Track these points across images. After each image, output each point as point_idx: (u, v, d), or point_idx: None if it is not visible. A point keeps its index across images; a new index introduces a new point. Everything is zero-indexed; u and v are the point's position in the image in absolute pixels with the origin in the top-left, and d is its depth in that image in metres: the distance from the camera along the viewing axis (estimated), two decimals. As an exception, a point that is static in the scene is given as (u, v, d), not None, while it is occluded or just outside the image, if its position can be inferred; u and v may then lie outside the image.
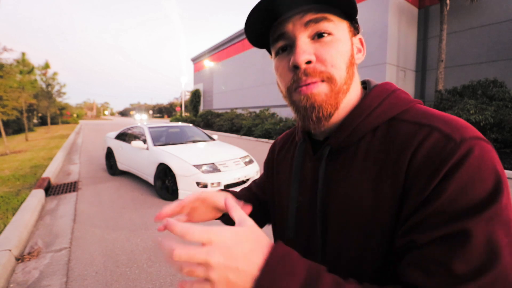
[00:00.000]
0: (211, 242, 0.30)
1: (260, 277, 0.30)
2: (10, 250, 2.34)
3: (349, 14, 0.44)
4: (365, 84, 0.52)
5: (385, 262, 0.40)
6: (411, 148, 0.37)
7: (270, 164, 0.67)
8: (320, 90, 0.42)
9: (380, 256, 0.39)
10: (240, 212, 0.35)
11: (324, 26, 0.41)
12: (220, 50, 24.70)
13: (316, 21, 0.41)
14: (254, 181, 0.76)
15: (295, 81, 0.43)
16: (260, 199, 0.71)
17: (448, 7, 9.59)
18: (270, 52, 0.51)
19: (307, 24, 0.41)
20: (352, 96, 0.46)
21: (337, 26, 0.42)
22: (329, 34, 0.41)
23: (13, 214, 3.17)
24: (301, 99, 0.43)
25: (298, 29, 0.42)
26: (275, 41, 0.45)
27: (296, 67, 0.42)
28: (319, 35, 0.41)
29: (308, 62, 0.41)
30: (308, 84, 0.42)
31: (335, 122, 0.47)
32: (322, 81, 0.42)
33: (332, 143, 0.46)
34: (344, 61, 0.43)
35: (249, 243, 0.32)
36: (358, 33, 0.47)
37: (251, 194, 0.73)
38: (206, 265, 0.30)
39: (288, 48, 0.44)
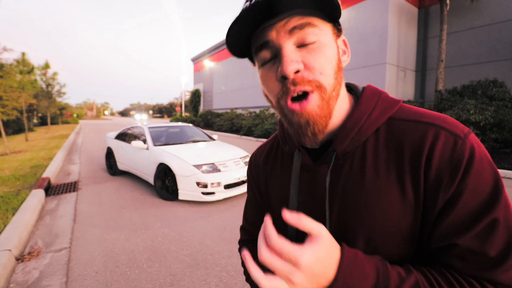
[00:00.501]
0: (298, 265, 0.33)
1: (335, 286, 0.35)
2: (10, 250, 2.34)
3: (333, 17, 0.43)
4: (348, 87, 0.51)
5: (411, 260, 0.42)
6: (425, 150, 0.39)
7: (255, 181, 0.64)
8: (312, 104, 0.41)
9: (408, 255, 0.42)
10: (310, 223, 0.35)
11: (309, 32, 0.40)
12: (220, 50, 24.69)
13: (301, 27, 0.39)
14: (244, 219, 0.69)
15: (285, 92, 0.41)
16: None
17: (448, 7, 9.59)
18: (252, 61, 0.49)
19: (291, 31, 0.39)
20: (342, 100, 0.46)
21: (322, 31, 0.41)
22: (314, 41, 0.40)
23: (13, 214, 3.17)
24: (294, 116, 0.42)
25: (282, 37, 0.40)
26: (259, 50, 0.43)
27: (284, 77, 0.40)
28: (304, 43, 0.40)
29: (297, 71, 0.40)
30: (300, 99, 0.41)
31: (331, 129, 0.46)
32: (312, 91, 0.40)
33: (338, 148, 0.45)
34: (333, 67, 0.42)
35: (326, 259, 0.35)
36: (341, 34, 0.46)
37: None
38: (289, 280, 0.33)
39: (273, 57, 0.42)
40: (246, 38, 0.44)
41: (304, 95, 0.41)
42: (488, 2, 9.82)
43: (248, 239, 0.67)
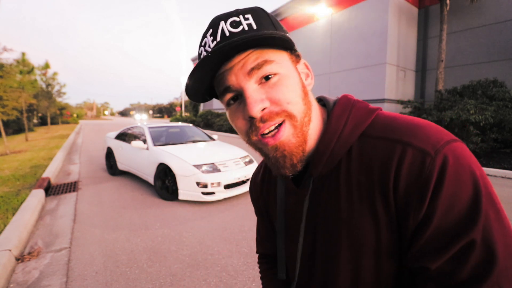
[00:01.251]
0: None
1: None
2: (10, 250, 2.34)
3: (287, 47, 0.43)
4: (321, 101, 0.51)
5: (392, 279, 0.41)
6: (392, 170, 0.37)
7: (257, 206, 0.66)
8: (286, 134, 0.41)
9: (393, 271, 0.41)
10: None
11: (267, 69, 0.40)
12: (220, 50, 24.66)
13: (259, 67, 0.39)
14: (258, 234, 0.71)
15: (254, 130, 0.41)
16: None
17: (448, 7, 9.58)
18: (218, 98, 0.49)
19: (250, 73, 0.40)
20: (315, 123, 0.45)
21: (280, 64, 0.41)
22: (274, 74, 0.40)
23: (13, 214, 3.17)
24: (269, 149, 0.42)
25: (242, 80, 0.40)
26: (222, 94, 0.43)
27: (252, 118, 0.40)
28: (265, 78, 0.40)
29: (263, 109, 0.40)
30: (272, 131, 0.41)
31: (308, 152, 0.45)
32: (283, 121, 0.40)
33: (313, 173, 0.45)
34: (298, 95, 0.42)
35: None
36: (300, 59, 0.46)
37: (269, 265, 0.68)
38: None
39: (239, 97, 0.42)
40: (209, 83, 0.44)
41: (275, 128, 0.41)
42: (488, 2, 9.82)
43: (264, 253, 0.70)
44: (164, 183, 4.11)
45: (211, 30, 0.41)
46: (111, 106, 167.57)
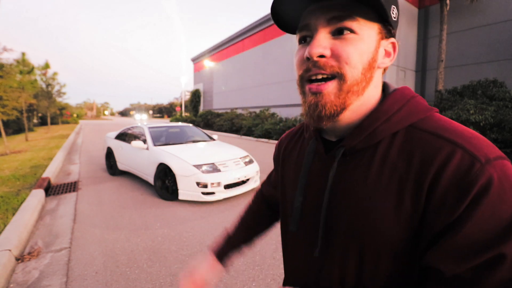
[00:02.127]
0: None
1: None
2: (10, 250, 2.34)
3: (382, 17, 0.42)
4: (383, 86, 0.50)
5: (393, 272, 0.40)
6: (435, 166, 0.36)
7: (277, 160, 0.69)
8: (329, 90, 0.41)
9: (396, 272, 0.40)
10: None
11: (347, 24, 0.40)
12: (220, 50, 24.69)
13: (340, 19, 0.40)
14: (267, 178, 0.80)
15: (306, 71, 0.43)
16: (269, 201, 0.77)
17: (448, 7, 9.59)
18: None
19: (330, 20, 0.40)
20: (369, 99, 0.45)
21: (361, 26, 0.40)
22: (351, 31, 0.40)
23: (13, 214, 3.17)
24: (309, 95, 0.44)
25: (320, 23, 0.41)
26: (300, 30, 0.45)
27: (308, 59, 0.42)
28: (340, 31, 0.40)
29: (322, 56, 0.41)
30: (319, 81, 0.42)
31: (349, 124, 0.46)
32: (333, 77, 0.41)
33: (346, 145, 0.45)
34: (361, 61, 0.41)
35: None
36: (391, 36, 0.45)
37: (260, 199, 0.80)
38: None
39: (309, 38, 0.44)
40: (294, 14, 0.46)
41: (324, 80, 0.42)
42: (488, 2, 9.82)
43: (265, 193, 0.79)
44: (164, 183, 4.11)
45: None
46: (111, 106, 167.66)
